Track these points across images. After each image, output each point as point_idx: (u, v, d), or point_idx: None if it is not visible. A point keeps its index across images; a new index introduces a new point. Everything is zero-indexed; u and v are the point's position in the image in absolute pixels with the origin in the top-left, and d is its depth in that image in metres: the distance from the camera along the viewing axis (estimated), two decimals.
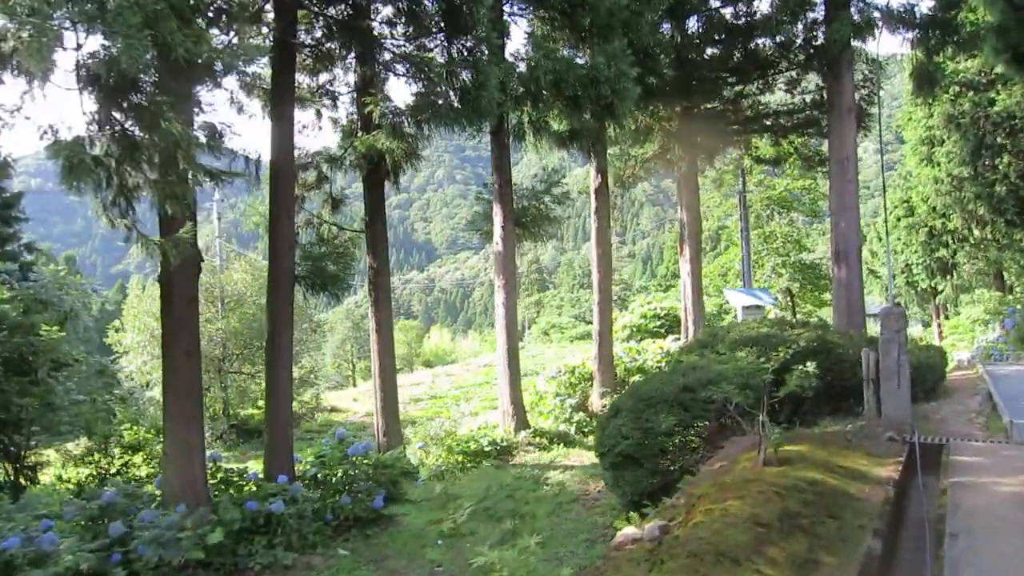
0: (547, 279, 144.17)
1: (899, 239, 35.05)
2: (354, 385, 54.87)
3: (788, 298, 26.50)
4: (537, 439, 15.08)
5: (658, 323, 23.73)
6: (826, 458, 7.70)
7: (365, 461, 11.17)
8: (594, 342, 18.17)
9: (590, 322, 24.86)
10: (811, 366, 7.39)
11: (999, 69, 24.24)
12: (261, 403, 28.83)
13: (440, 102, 10.56)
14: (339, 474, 10.93)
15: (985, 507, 6.26)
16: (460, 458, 13.82)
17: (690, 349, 12.14)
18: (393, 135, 12.15)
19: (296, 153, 14.33)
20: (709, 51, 20.18)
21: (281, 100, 11.02)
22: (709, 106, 20.81)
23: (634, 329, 23.45)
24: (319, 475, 11.07)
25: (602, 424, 10.16)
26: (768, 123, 21.52)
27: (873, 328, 25.89)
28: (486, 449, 14.19)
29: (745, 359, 7.68)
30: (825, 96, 17.20)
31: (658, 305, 24.27)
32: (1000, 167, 24.63)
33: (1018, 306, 23.18)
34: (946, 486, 7.02)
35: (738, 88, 21.29)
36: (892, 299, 13.78)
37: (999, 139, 24.45)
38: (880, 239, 42.42)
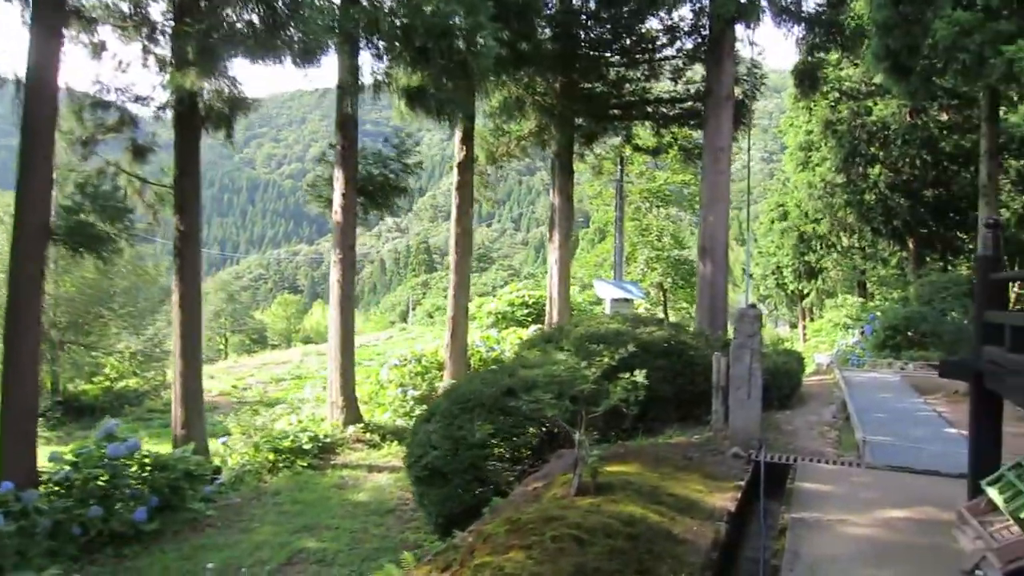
0: (437, 260, 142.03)
1: (773, 242, 35.50)
2: (225, 359, 51.71)
3: (661, 293, 25.98)
4: (368, 435, 13.42)
5: (526, 311, 22.55)
6: (656, 483, 6.45)
7: (134, 462, 9.18)
8: (447, 329, 16.67)
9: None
10: (640, 375, 6.09)
11: (878, 79, 24.41)
12: (97, 377, 25.80)
13: (245, 30, 8.67)
14: (97, 479, 8.90)
15: (829, 560, 5.13)
16: (271, 457, 11.97)
17: (533, 343, 10.81)
18: (203, 71, 10.11)
19: (96, 88, 12.02)
20: (597, 30, 19.04)
21: (44, 5, 8.79)
22: (590, 86, 19.66)
23: (499, 316, 22.17)
24: (73, 480, 8.98)
25: (414, 429, 8.63)
26: (650, 110, 20.62)
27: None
28: (305, 447, 12.41)
29: (565, 363, 6.29)
30: (706, 85, 16.30)
31: (527, 293, 23.07)
32: (871, 176, 24.87)
33: (877, 313, 23.42)
34: (787, 522, 5.89)
35: (622, 71, 20.27)
36: (747, 300, 13.02)
37: (872, 149, 24.67)
38: (757, 240, 43.17)
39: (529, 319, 21.85)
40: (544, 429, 7.55)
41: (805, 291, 34.74)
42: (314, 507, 10.44)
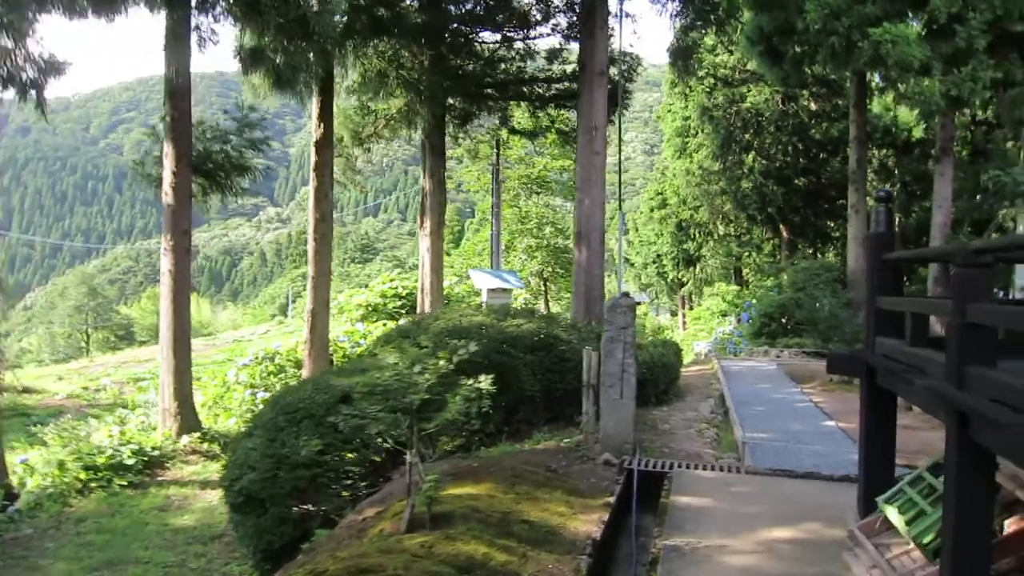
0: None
1: (653, 231, 35.61)
2: (87, 357, 47.53)
3: (542, 283, 25.27)
4: (207, 445, 11.76)
5: (399, 303, 21.17)
6: (510, 507, 5.38)
7: None
8: (305, 323, 15.11)
9: None
10: (485, 381, 4.99)
11: (752, 65, 24.53)
12: None
13: None
14: None
15: None
16: (82, 476, 10.14)
17: (389, 339, 9.55)
18: None
19: None
20: (467, 3, 17.89)
21: None
22: (462, 63, 18.48)
23: (370, 309, 20.70)
24: None
25: (232, 445, 7.22)
26: (526, 91, 19.67)
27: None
28: (127, 461, 10.64)
29: (394, 368, 5.10)
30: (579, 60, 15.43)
31: (400, 284, 21.70)
32: (746, 163, 25.02)
33: (753, 300, 23.57)
34: (659, 551, 4.95)
35: (497, 49, 19.22)
36: (620, 288, 12.31)
37: (747, 136, 24.80)
38: (637, 229, 43.44)
39: (402, 311, 20.52)
40: (387, 442, 6.32)
41: (684, 279, 35.07)
42: (125, 536, 8.80)
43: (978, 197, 20.70)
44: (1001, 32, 15.43)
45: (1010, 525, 4.07)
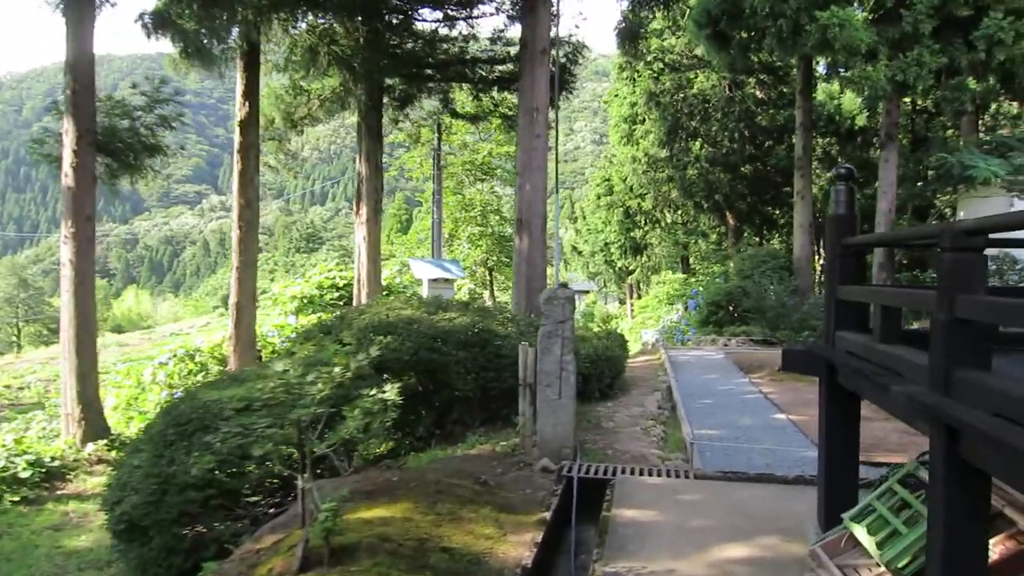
0: (264, 241, 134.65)
1: (600, 219, 35.22)
2: (18, 352, 45.27)
3: (487, 272, 24.57)
4: (114, 453, 10.75)
5: (336, 295, 20.20)
6: (428, 531, 4.69)
7: None
8: (230, 316, 14.14)
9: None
10: (391, 390, 4.26)
11: (700, 50, 24.18)
12: None
13: None
14: None
15: None
16: None
17: (308, 336, 8.74)
18: None
19: None
20: None
21: None
22: (400, 41, 17.59)
23: (306, 301, 19.69)
24: None
25: (119, 461, 6.37)
26: (469, 72, 18.86)
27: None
28: (21, 474, 9.61)
29: (283, 376, 4.31)
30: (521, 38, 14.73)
31: (338, 274, 20.72)
32: (693, 150, 24.69)
33: (700, 288, 23.29)
34: None
35: (438, 28, 18.39)
36: (558, 279, 11.70)
37: (694, 122, 24.46)
38: (585, 217, 43.04)
39: (340, 303, 19.57)
40: (275, 465, 5.56)
41: (632, 267, 34.78)
42: (9, 562, 7.85)
43: (919, 184, 20.72)
44: (946, 17, 15.26)
45: (996, 545, 3.56)
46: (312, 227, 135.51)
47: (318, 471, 5.77)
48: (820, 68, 23.90)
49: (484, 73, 18.83)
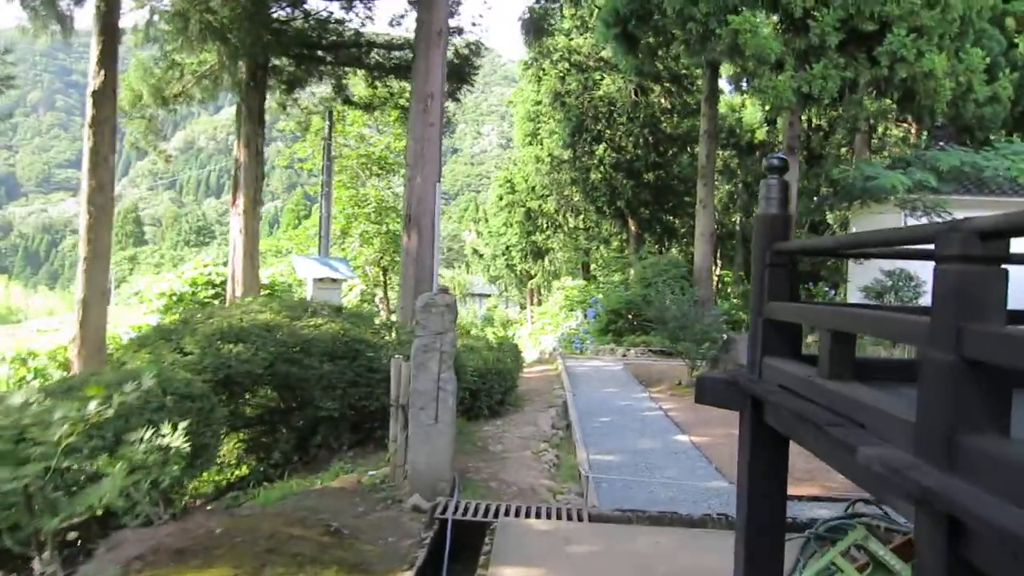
0: (149, 233, 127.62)
1: (502, 221, 34.46)
2: None
3: (380, 272, 23.25)
4: None
5: (212, 292, 18.43)
6: None
7: None
8: (76, 314, 12.32)
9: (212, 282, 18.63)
10: (174, 437, 3.08)
11: (607, 53, 23.73)
12: None
13: None
14: None
15: None
16: None
17: (143, 343, 7.33)
18: None
19: None
20: None
21: None
22: (288, 17, 16.16)
23: (175, 298, 17.84)
24: None
25: None
26: (363, 57, 17.60)
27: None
28: None
29: (33, 410, 3.11)
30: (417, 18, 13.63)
31: (215, 270, 18.94)
32: (597, 154, 24.19)
33: (599, 296, 22.79)
34: None
35: (331, 9, 17.08)
36: (436, 285, 10.64)
37: (599, 125, 23.96)
38: (487, 220, 42.20)
39: (215, 302, 17.84)
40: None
41: (533, 272, 34.15)
42: None
43: (815, 199, 20.90)
44: (852, 31, 15.17)
45: None
46: (203, 219, 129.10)
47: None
48: (724, 83, 23.94)
49: (380, 59, 17.62)
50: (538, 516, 5.42)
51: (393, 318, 11.66)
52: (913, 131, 26.71)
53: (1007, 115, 23.18)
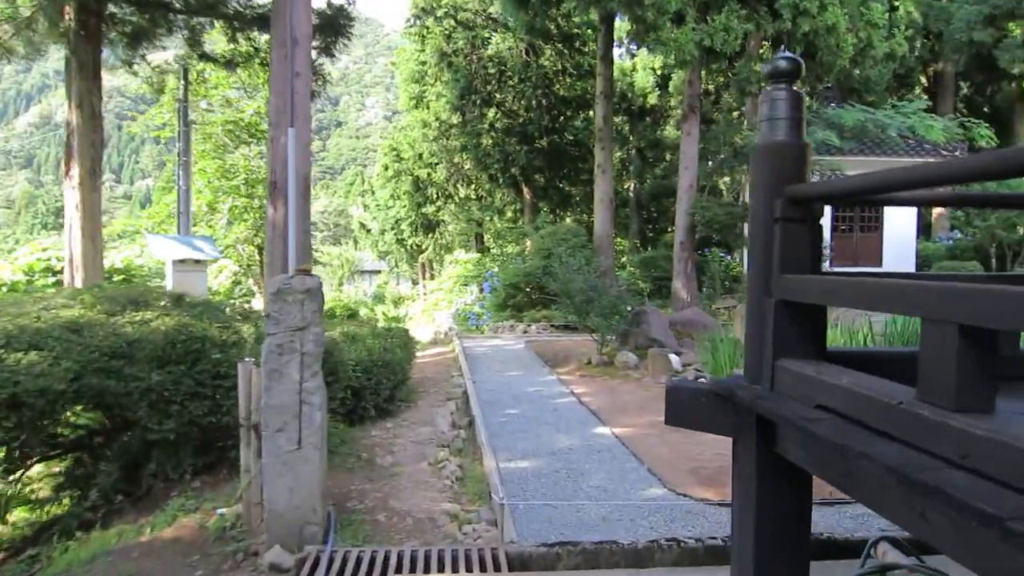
0: (3, 216, 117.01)
1: (390, 192, 32.58)
2: None
3: (256, 252, 21.04)
4: None
5: (54, 279, 15.87)
6: None
7: None
8: None
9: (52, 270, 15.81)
10: None
11: (495, 8, 22.23)
12: None
13: None
14: None
15: None
16: None
17: None
18: None
19: None
20: None
21: None
22: None
23: (8, 289, 15.22)
24: None
25: None
26: (217, 4, 15.34)
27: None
28: None
29: None
30: None
31: (55, 255, 16.33)
32: (488, 118, 22.76)
33: (495, 269, 21.55)
34: None
35: None
36: (295, 266, 9.05)
37: (489, 87, 22.50)
38: (374, 192, 40.14)
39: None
40: None
41: (423, 246, 32.51)
42: None
43: (710, 163, 20.34)
44: None
45: None
46: (63, 200, 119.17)
47: None
48: (616, 49, 22.95)
49: (240, 7, 15.43)
50: (441, 569, 4.07)
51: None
52: None
53: (890, 77, 23.42)
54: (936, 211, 24.68)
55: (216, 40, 17.29)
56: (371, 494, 5.54)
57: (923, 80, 26.23)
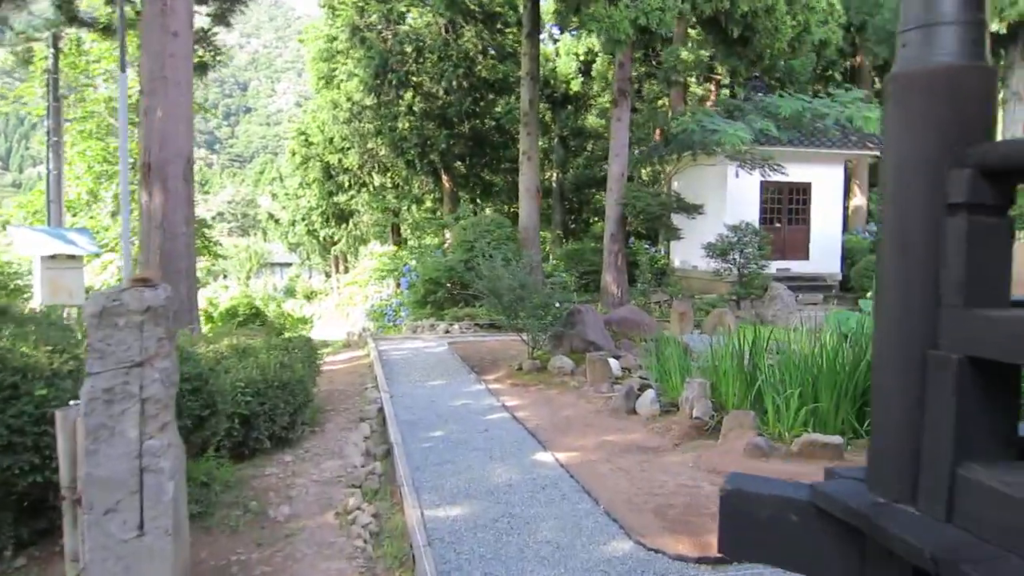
0: None
1: (299, 181, 30.62)
2: None
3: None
4: None
5: None
6: None
7: None
8: None
9: None
10: None
11: None
12: None
13: None
14: None
15: None
16: None
17: None
18: None
19: None
20: None
21: None
22: None
23: None
24: None
25: None
26: None
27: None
28: None
29: None
30: None
31: None
32: (405, 100, 21.28)
33: (412, 262, 20.20)
34: None
35: None
36: (128, 271, 7.53)
37: (406, 66, 21.00)
38: (283, 180, 37.97)
39: None
40: None
41: (336, 237, 30.70)
42: None
43: (640, 151, 19.57)
44: None
45: None
46: None
47: None
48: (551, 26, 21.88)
49: None
50: None
51: None
52: (713, 90, 26.43)
53: (812, 69, 23.20)
54: (852, 204, 24.76)
55: (95, 3, 15.31)
56: (258, 567, 4.24)
57: (836, 76, 26.29)
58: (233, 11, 14.62)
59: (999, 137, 1.34)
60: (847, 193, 22.44)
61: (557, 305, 11.07)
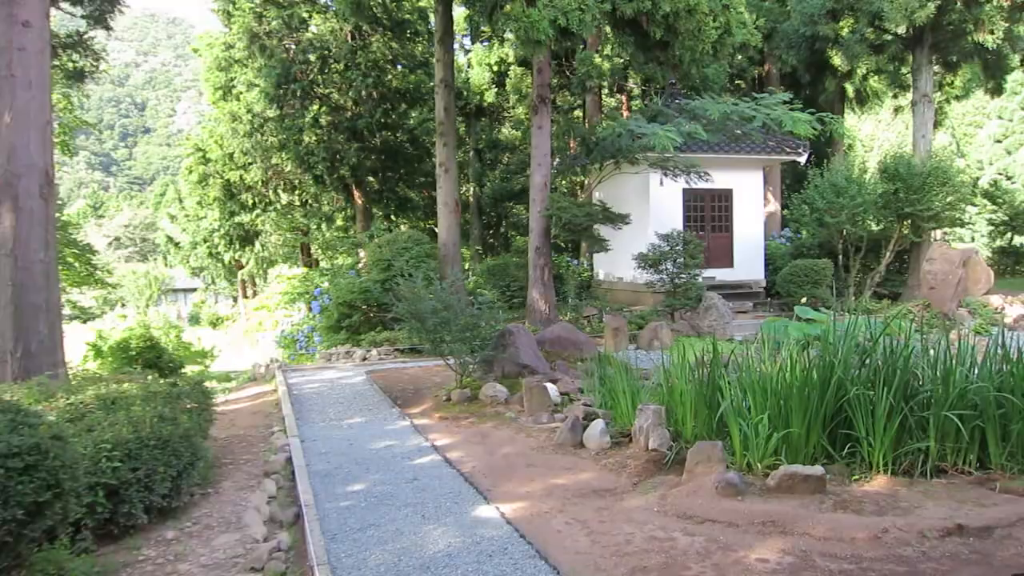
0: None
1: (199, 201, 28.67)
2: None
3: None
4: None
5: None
6: None
7: None
8: None
9: None
10: None
11: None
12: None
13: None
14: None
15: None
16: None
17: None
18: None
19: None
20: None
21: None
22: None
23: None
24: None
25: None
26: None
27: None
28: None
29: None
30: None
31: None
32: (311, 111, 19.97)
33: (324, 285, 18.87)
34: None
35: None
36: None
37: (311, 75, 19.71)
38: (182, 201, 35.73)
39: None
40: None
41: (242, 260, 28.85)
42: None
43: (556, 161, 18.93)
44: None
45: None
46: None
47: None
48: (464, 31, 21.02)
49: None
50: None
51: None
52: (624, 100, 26.21)
53: (726, 75, 23.18)
54: (767, 210, 24.89)
55: None
56: None
57: (743, 85, 26.55)
58: (111, 12, 13.12)
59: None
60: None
61: (484, 326, 10.12)
